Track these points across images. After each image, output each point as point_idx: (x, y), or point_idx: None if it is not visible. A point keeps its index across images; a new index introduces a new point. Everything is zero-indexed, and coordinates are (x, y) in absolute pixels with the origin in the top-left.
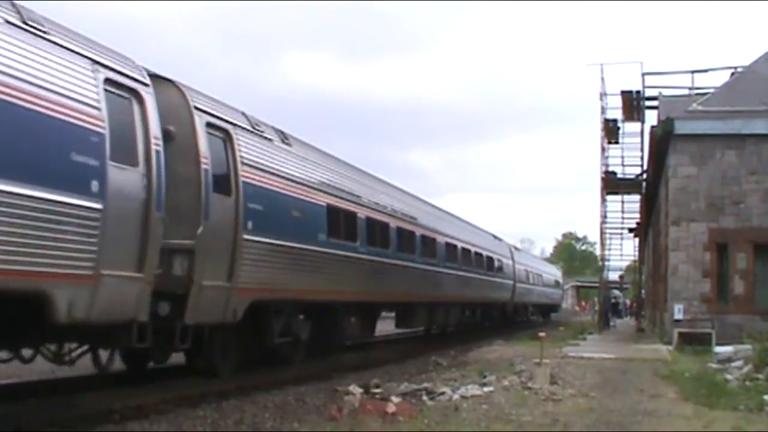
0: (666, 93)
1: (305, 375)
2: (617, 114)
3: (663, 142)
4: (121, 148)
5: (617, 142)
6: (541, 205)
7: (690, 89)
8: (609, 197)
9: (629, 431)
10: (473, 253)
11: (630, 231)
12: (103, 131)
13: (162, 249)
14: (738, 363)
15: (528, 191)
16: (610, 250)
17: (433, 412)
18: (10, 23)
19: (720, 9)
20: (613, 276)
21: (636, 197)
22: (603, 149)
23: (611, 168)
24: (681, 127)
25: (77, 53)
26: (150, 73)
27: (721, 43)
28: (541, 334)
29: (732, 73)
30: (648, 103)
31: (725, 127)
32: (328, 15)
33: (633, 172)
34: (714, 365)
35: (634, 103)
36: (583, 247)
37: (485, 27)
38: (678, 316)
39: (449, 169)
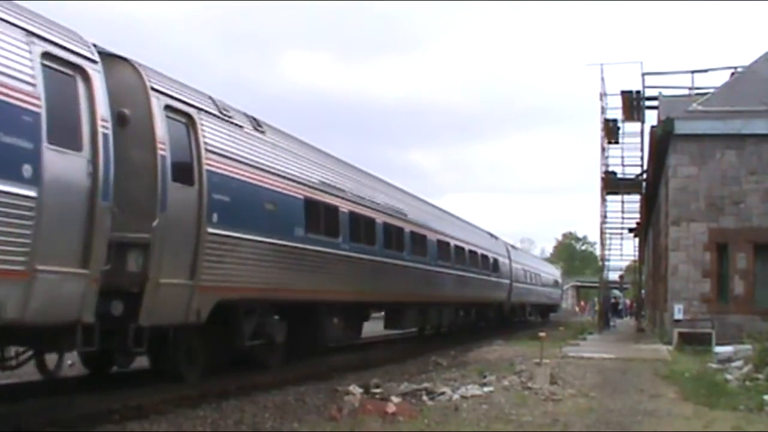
0: (666, 93)
1: (305, 375)
2: (617, 114)
3: (663, 142)
4: (61, 129)
5: (617, 142)
6: (541, 205)
7: (690, 89)
8: (609, 197)
9: (629, 431)
10: (467, 251)
11: (630, 231)
12: (39, 110)
13: (112, 243)
14: (738, 363)
15: (528, 191)
16: (610, 250)
17: (433, 412)
18: None
19: (720, 9)
20: (613, 276)
21: (636, 197)
22: (603, 149)
23: (611, 168)
24: (681, 127)
25: (8, 22)
26: (102, 51)
27: (721, 43)
28: (542, 334)
29: (732, 73)
30: (648, 103)
31: (725, 127)
32: (327, 15)
33: (633, 172)
34: (714, 365)
35: (634, 103)
36: (583, 247)
37: (485, 27)
38: (678, 316)
39: (449, 169)
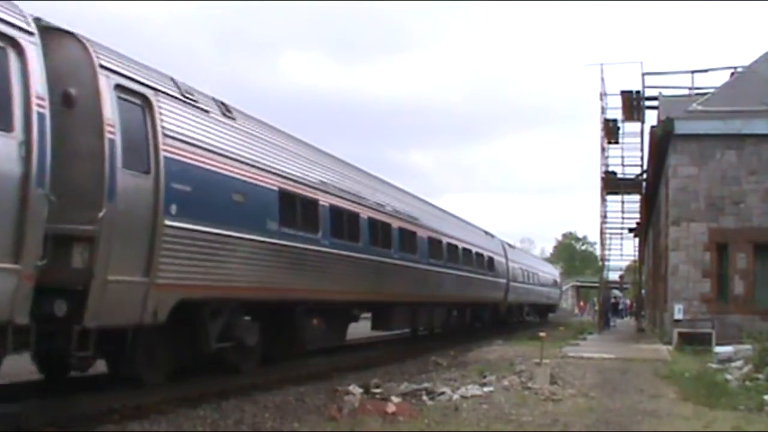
0: (666, 93)
1: (305, 375)
2: (617, 114)
3: (663, 142)
4: None
5: (617, 142)
6: (541, 205)
7: (690, 89)
8: (609, 197)
9: (629, 431)
10: (461, 249)
11: (630, 231)
12: None
13: (51, 235)
14: (738, 363)
15: (528, 191)
16: (610, 250)
17: (433, 412)
18: None
19: (720, 9)
20: (613, 276)
21: (636, 197)
22: (603, 149)
23: (611, 168)
24: (681, 127)
25: None
26: (45, 24)
27: (721, 43)
28: (542, 334)
29: (732, 73)
30: (648, 103)
31: (725, 127)
32: (326, 14)
33: (633, 172)
34: (714, 365)
35: (634, 103)
36: (583, 247)
37: (485, 27)
38: (678, 316)
39: (449, 169)
